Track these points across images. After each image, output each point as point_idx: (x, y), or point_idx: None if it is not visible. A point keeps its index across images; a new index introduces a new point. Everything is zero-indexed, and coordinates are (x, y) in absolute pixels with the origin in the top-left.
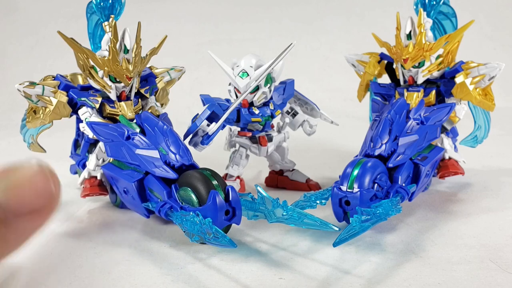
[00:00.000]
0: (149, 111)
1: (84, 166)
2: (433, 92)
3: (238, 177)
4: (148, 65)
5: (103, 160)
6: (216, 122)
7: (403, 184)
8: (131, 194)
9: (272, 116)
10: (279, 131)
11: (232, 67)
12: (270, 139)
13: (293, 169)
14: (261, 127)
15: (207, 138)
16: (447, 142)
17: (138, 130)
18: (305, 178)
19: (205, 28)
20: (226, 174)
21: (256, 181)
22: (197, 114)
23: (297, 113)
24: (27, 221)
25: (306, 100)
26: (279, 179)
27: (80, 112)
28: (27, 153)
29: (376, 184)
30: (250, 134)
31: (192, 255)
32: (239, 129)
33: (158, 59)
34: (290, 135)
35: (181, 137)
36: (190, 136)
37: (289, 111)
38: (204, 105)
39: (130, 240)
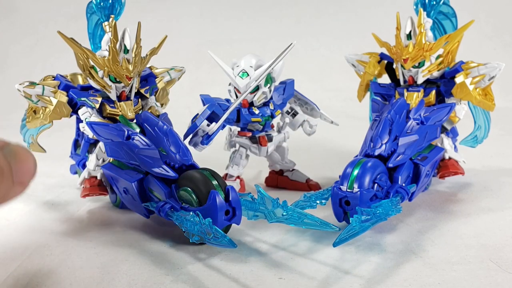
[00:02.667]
0: (149, 111)
1: (84, 166)
2: (433, 92)
3: (238, 177)
4: (148, 65)
5: (103, 160)
6: (216, 122)
7: (403, 184)
8: (131, 194)
9: (272, 116)
10: (279, 131)
11: (232, 67)
12: (270, 139)
13: (293, 169)
14: (261, 127)
15: (207, 138)
16: (447, 142)
17: (138, 130)
18: (305, 178)
19: (205, 28)
20: (226, 174)
21: (256, 181)
22: (197, 114)
23: (297, 113)
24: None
25: (306, 100)
26: (279, 179)
27: (80, 112)
28: None
29: (376, 184)
30: (250, 134)
31: (192, 255)
32: (239, 129)
33: (158, 59)
34: (290, 135)
35: (181, 137)
36: (190, 136)
37: (289, 111)
38: (204, 105)
39: (130, 240)
